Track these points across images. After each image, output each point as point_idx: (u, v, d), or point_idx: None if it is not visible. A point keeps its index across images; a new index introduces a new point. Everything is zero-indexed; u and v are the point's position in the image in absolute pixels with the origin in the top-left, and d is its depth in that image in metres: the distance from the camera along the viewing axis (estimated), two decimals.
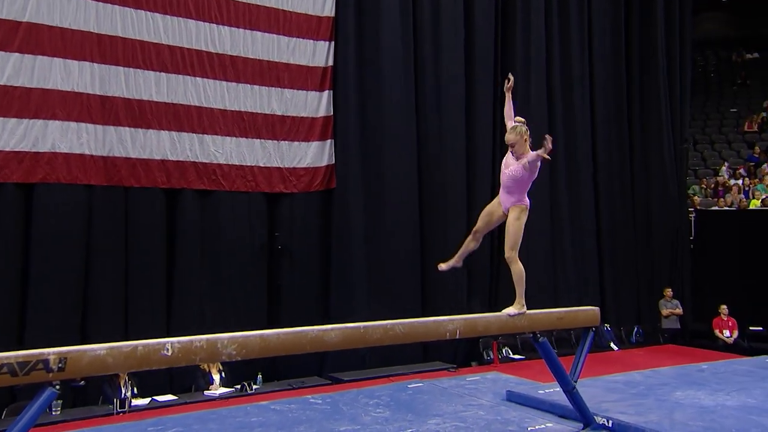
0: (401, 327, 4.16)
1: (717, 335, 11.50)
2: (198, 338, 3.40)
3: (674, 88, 12.93)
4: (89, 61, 8.12)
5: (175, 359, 3.29)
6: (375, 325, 4.08)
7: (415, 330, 4.25)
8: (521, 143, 4.83)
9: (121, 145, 8.32)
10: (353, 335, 3.97)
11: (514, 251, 4.79)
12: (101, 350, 3.06)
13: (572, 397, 5.02)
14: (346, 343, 3.97)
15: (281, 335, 3.69)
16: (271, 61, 9.47)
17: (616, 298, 12.27)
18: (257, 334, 3.60)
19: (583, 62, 12.24)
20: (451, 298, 10.31)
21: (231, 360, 3.51)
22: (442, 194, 10.53)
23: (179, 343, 3.32)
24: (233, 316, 8.79)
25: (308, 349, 3.81)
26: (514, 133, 4.86)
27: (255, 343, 3.57)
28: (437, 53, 10.65)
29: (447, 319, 4.41)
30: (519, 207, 4.86)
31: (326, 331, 3.86)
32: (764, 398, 5.81)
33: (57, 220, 7.78)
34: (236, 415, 5.26)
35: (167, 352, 3.25)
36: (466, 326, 4.47)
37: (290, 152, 9.55)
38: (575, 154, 12.00)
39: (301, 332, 3.78)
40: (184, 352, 3.32)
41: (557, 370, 4.95)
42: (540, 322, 4.88)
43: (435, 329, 4.35)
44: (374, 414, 5.39)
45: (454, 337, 4.41)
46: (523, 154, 4.83)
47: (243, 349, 3.51)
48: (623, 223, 12.51)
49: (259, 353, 3.62)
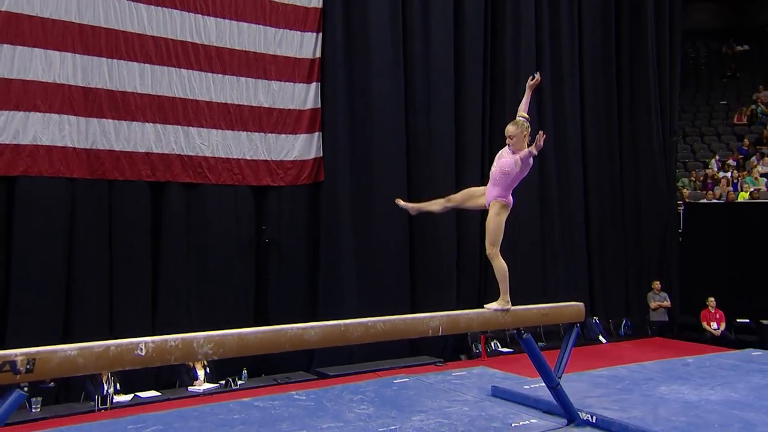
0: (382, 324, 4.12)
1: (705, 327, 11.53)
2: (173, 337, 3.33)
3: (664, 80, 12.90)
4: (71, 51, 7.98)
5: (149, 359, 3.23)
6: (356, 323, 4.03)
7: (397, 327, 4.21)
8: (520, 138, 4.82)
9: (104, 137, 8.20)
10: (334, 333, 3.92)
11: (495, 247, 4.77)
12: (71, 351, 2.99)
13: (556, 393, 5.00)
14: (327, 341, 3.92)
15: (260, 334, 3.63)
16: (258, 52, 9.36)
17: (604, 291, 12.28)
18: (235, 333, 3.54)
19: (573, 55, 12.19)
20: (441, 291, 10.28)
21: (208, 359, 3.44)
22: (432, 188, 10.36)
23: (153, 343, 3.25)
24: (220, 310, 8.73)
25: (288, 348, 3.76)
26: (515, 126, 4.86)
27: (232, 342, 3.51)
28: (427, 45, 10.56)
29: (429, 315, 4.36)
30: (500, 203, 4.82)
31: (306, 329, 3.81)
32: (747, 392, 5.81)
33: (39, 214, 7.66)
34: (218, 412, 5.22)
35: (141, 352, 3.18)
36: (449, 323, 4.42)
37: (277, 145, 9.46)
38: (565, 146, 11.97)
39: (281, 331, 3.72)
40: (158, 351, 3.26)
41: (541, 366, 4.93)
42: (524, 319, 4.85)
43: (417, 326, 4.30)
44: (358, 410, 5.35)
45: (437, 333, 4.37)
46: (519, 150, 4.81)
47: (220, 348, 3.45)
48: (612, 215, 12.51)
49: (237, 352, 3.57)
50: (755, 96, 17.22)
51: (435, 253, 10.36)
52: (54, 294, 7.66)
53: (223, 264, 8.90)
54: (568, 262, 11.85)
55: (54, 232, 7.76)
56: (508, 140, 4.85)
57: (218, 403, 5.70)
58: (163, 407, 6.31)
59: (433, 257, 10.34)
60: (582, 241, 12.12)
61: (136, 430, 4.76)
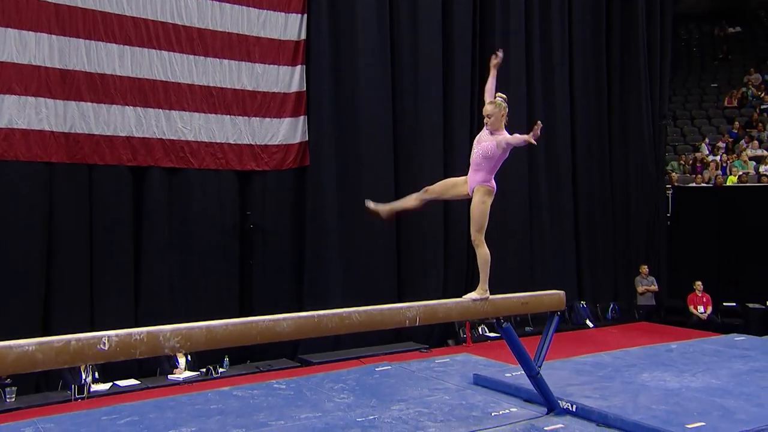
0: (358, 315, 4.05)
1: (692, 311, 11.54)
2: (138, 331, 3.25)
3: (654, 64, 12.79)
4: (47, 32, 7.80)
5: (112, 353, 3.15)
6: (330, 314, 3.96)
7: (373, 318, 4.13)
8: (498, 118, 4.75)
9: (83, 121, 8.05)
10: (306, 325, 3.85)
11: (480, 234, 4.69)
12: (29, 346, 2.90)
13: (536, 382, 4.95)
14: (300, 333, 3.85)
15: (229, 326, 3.55)
16: (241, 34, 9.20)
17: (592, 275, 12.26)
18: (203, 326, 3.46)
19: (563, 39, 12.06)
20: (428, 277, 10.23)
21: (174, 354, 3.36)
22: (419, 172, 10.30)
23: (117, 337, 3.16)
24: (204, 297, 8.66)
25: (258, 340, 3.69)
26: (493, 105, 4.78)
27: (200, 335, 3.43)
28: (414, 28, 10.39)
29: (406, 306, 4.30)
30: (484, 188, 4.73)
31: (278, 320, 3.73)
32: (728, 379, 5.79)
33: (15, 199, 7.53)
34: (195, 402, 5.15)
35: (104, 346, 3.10)
36: (426, 313, 4.36)
37: (262, 129, 9.33)
38: (554, 130, 11.85)
39: (251, 323, 3.64)
40: (122, 345, 3.17)
41: (521, 355, 4.87)
42: (503, 308, 4.79)
43: (394, 316, 4.24)
44: (337, 400, 5.30)
45: (414, 324, 4.30)
46: (497, 131, 4.75)
47: (187, 341, 3.37)
48: (601, 200, 12.46)
49: (206, 345, 3.49)
50: (746, 78, 17.13)
51: (422, 238, 10.29)
52: (32, 283, 7.53)
53: (206, 250, 8.80)
54: (556, 246, 11.81)
55: (31, 219, 7.63)
56: (486, 119, 4.78)
57: (197, 393, 5.63)
58: (141, 396, 6.23)
59: (420, 243, 10.27)
60: (570, 225, 12.09)
61: (110, 420, 4.68)
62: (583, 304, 11.63)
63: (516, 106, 11.22)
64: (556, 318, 5.07)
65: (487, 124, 4.77)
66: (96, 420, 4.68)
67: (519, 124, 11.28)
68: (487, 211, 4.70)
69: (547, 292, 5.09)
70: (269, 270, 9.24)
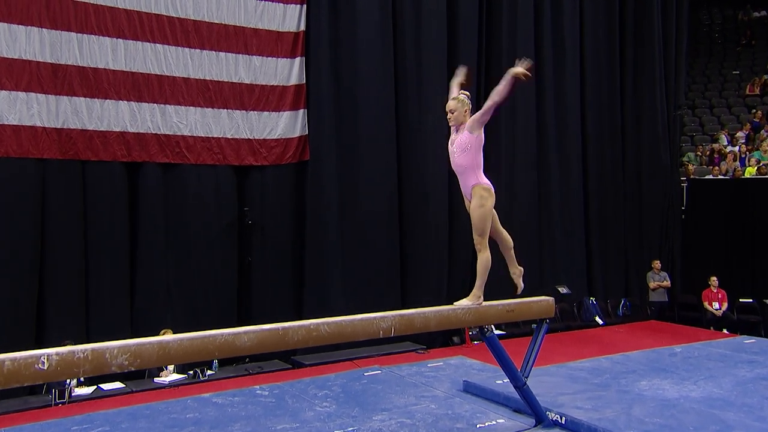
0: (327, 327, 3.85)
1: (706, 307, 11.20)
2: (81, 348, 3.08)
3: (669, 51, 12.37)
4: (37, 26, 7.67)
5: (53, 373, 2.99)
6: (297, 326, 3.76)
7: (343, 330, 3.93)
8: (461, 112, 4.66)
9: (76, 116, 7.93)
10: (270, 338, 3.65)
11: (482, 238, 4.53)
12: None
13: (523, 393, 4.73)
14: (262, 347, 3.66)
15: (184, 341, 3.37)
16: (238, 26, 9.00)
17: (603, 270, 11.95)
18: (155, 341, 3.28)
19: (574, 23, 11.69)
20: (432, 273, 10.00)
21: (123, 371, 3.20)
22: (422, 165, 10.09)
23: (58, 355, 3.00)
24: (202, 295, 8.53)
25: (217, 356, 3.51)
26: (456, 101, 4.69)
27: (152, 351, 3.25)
28: (417, 16, 10.10)
29: (379, 316, 4.08)
30: (479, 188, 4.56)
31: (238, 334, 3.54)
32: (731, 388, 5.52)
33: (7, 197, 7.41)
34: (172, 411, 5.01)
35: (43, 366, 2.94)
36: (402, 323, 4.14)
37: (260, 123, 9.15)
38: (564, 118, 11.55)
39: (209, 337, 3.46)
40: (63, 364, 3.00)
41: (507, 366, 4.65)
42: (487, 316, 4.56)
43: (366, 328, 4.02)
44: (319, 408, 5.13)
45: (389, 335, 4.09)
46: (461, 125, 4.65)
47: (137, 359, 3.20)
48: (613, 192, 12.11)
49: (158, 362, 3.32)
50: None
51: (426, 236, 10.01)
52: (25, 282, 7.42)
53: (203, 247, 8.64)
54: (566, 240, 11.51)
55: (24, 217, 7.51)
56: (449, 115, 4.71)
57: (175, 400, 5.49)
58: (125, 401, 6.10)
59: (424, 240, 9.99)
60: (580, 218, 11.77)
61: (80, 431, 4.55)
62: (592, 300, 11.34)
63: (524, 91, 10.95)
64: (545, 326, 4.83)
65: (450, 120, 4.71)
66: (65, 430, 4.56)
67: (526, 114, 11.11)
68: (486, 214, 4.53)
69: (535, 299, 4.84)
70: (268, 267, 9.08)
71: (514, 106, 10.88)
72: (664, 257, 12.00)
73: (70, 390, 6.29)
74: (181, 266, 8.52)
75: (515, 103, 10.95)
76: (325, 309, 8.68)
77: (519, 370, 4.70)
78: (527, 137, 11.13)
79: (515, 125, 11.00)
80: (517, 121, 10.99)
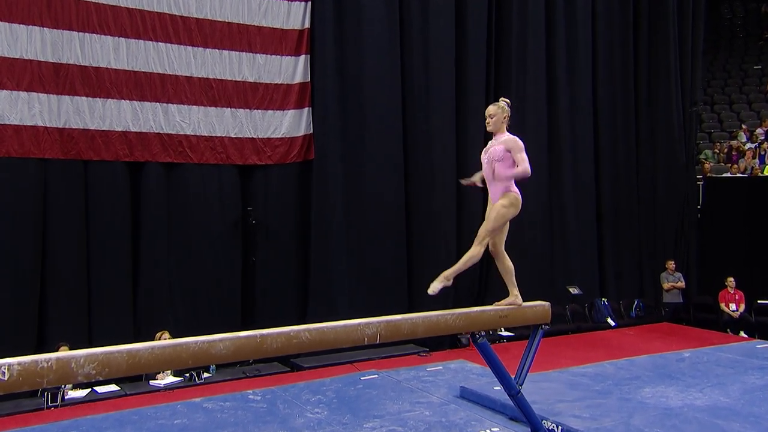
0: (308, 334, 3.73)
1: (723, 309, 10.91)
2: (45, 357, 2.99)
3: (685, 46, 12.05)
4: (39, 25, 7.66)
5: (14, 384, 2.90)
6: (275, 333, 3.65)
7: (325, 337, 3.80)
8: (500, 119, 4.65)
9: (78, 115, 7.90)
10: (247, 346, 3.55)
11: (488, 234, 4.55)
12: None
13: (517, 402, 4.57)
14: (238, 354, 3.55)
15: (155, 349, 3.27)
16: (242, 23, 8.93)
17: (616, 271, 11.70)
18: (123, 350, 3.19)
19: (586, 16, 11.42)
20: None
21: (90, 380, 3.11)
22: (428, 163, 9.94)
23: (20, 365, 2.91)
24: (204, 296, 8.47)
25: (190, 364, 3.41)
26: (496, 106, 4.70)
27: (120, 360, 3.16)
28: (424, 11, 9.94)
29: (364, 322, 3.95)
30: (512, 195, 4.54)
31: (213, 342, 3.44)
32: (739, 396, 5.31)
33: (9, 197, 7.41)
34: (160, 416, 4.93)
35: (2, 377, 2.85)
36: (388, 330, 4.02)
37: (264, 121, 9.06)
38: (576, 115, 11.32)
39: (182, 345, 3.36)
40: (26, 374, 2.92)
41: (500, 373, 4.51)
42: (479, 322, 4.42)
43: (350, 335, 3.90)
44: (310, 415, 5.02)
45: (374, 342, 3.97)
46: (498, 133, 4.65)
47: (105, 368, 3.11)
48: (626, 191, 11.86)
49: (127, 371, 3.22)
50: None
51: (433, 235, 9.85)
52: (27, 283, 7.40)
53: (207, 248, 8.58)
54: (578, 239, 11.27)
55: (25, 217, 7.51)
56: (488, 119, 4.70)
57: (166, 405, 5.40)
58: (118, 404, 6.02)
59: (432, 240, 9.81)
60: (592, 217, 11.52)
61: None
62: (604, 301, 11.09)
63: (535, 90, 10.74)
64: (540, 332, 4.67)
65: (488, 125, 4.70)
66: None
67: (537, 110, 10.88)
68: (505, 216, 4.53)
69: (530, 304, 4.68)
70: (272, 268, 8.98)
71: (524, 103, 10.69)
72: (680, 257, 11.72)
73: (63, 393, 6.25)
74: (184, 267, 8.46)
75: (526, 99, 10.76)
76: (330, 310, 8.59)
77: (514, 377, 4.54)
78: (538, 133, 10.92)
79: (525, 121, 10.79)
80: (527, 117, 10.79)
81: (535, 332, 4.68)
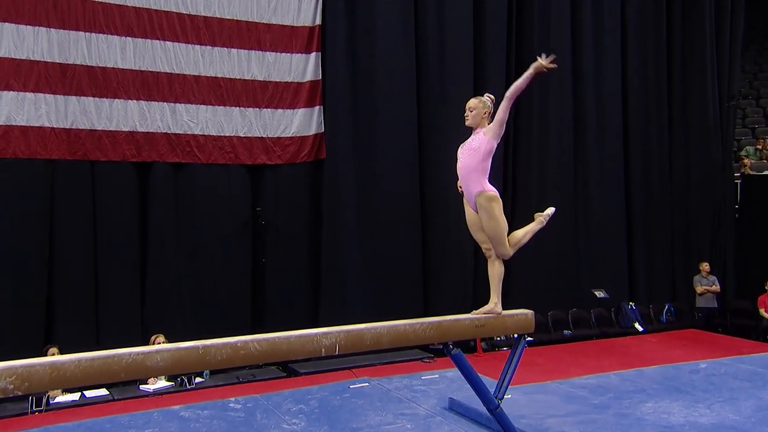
0: (257, 345, 3.54)
1: (762, 314, 10.29)
2: None
3: (723, 36, 11.40)
4: (45, 26, 7.68)
5: None
6: (220, 344, 3.46)
7: (277, 348, 3.60)
8: (480, 113, 4.47)
9: (84, 116, 7.91)
10: (187, 358, 3.37)
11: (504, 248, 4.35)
12: None
13: (496, 417, 4.28)
14: (177, 367, 3.39)
15: (83, 362, 3.12)
16: (251, 21, 8.81)
17: (647, 273, 11.17)
18: (47, 362, 3.05)
19: (614, 4, 10.91)
20: (456, 275, 9.55)
21: (8, 396, 2.97)
22: (446, 165, 9.47)
23: None
24: (213, 298, 8.37)
25: (123, 377, 3.25)
26: (478, 100, 4.54)
27: (42, 374, 3.01)
28: (440, 5, 9.63)
29: (322, 332, 3.74)
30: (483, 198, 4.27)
31: (149, 353, 3.28)
32: (751, 413, 4.88)
33: (16, 198, 7.44)
34: (133, 425, 4.81)
35: None
36: (348, 340, 3.79)
37: (274, 120, 8.93)
38: (604, 108, 10.83)
39: (113, 357, 3.20)
40: None
41: (477, 387, 4.24)
42: (453, 332, 4.15)
43: (304, 346, 3.68)
44: (286, 426, 4.84)
45: (332, 353, 3.74)
46: (478, 127, 4.45)
47: (24, 382, 2.97)
48: (659, 189, 11.30)
49: (51, 385, 3.09)
50: None
51: (449, 237, 9.51)
52: (33, 284, 7.41)
53: (215, 249, 8.48)
54: (606, 240, 10.78)
55: (32, 218, 7.52)
56: (467, 112, 4.53)
57: (143, 412, 5.28)
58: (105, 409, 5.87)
59: (447, 242, 9.50)
60: (622, 216, 11.02)
61: None
62: (632, 305, 10.58)
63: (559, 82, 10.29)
64: (523, 342, 4.37)
65: (467, 118, 4.52)
66: None
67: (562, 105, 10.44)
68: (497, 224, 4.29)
69: (511, 312, 4.38)
70: (282, 269, 8.82)
71: (547, 99, 10.29)
72: (715, 259, 11.11)
73: (47, 398, 6.19)
74: (192, 268, 8.39)
75: (550, 95, 10.36)
76: (342, 312, 8.39)
77: (493, 391, 4.26)
78: (563, 128, 10.50)
79: (549, 118, 10.39)
80: (551, 113, 10.38)
81: (517, 342, 4.38)
